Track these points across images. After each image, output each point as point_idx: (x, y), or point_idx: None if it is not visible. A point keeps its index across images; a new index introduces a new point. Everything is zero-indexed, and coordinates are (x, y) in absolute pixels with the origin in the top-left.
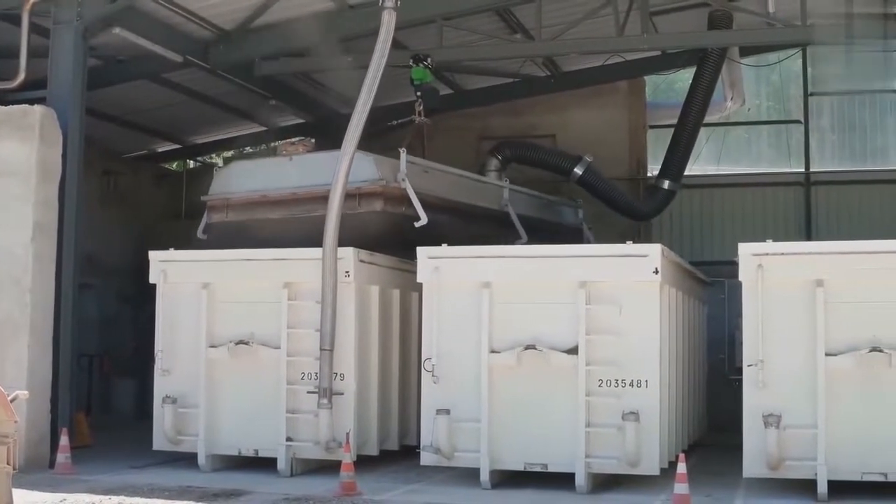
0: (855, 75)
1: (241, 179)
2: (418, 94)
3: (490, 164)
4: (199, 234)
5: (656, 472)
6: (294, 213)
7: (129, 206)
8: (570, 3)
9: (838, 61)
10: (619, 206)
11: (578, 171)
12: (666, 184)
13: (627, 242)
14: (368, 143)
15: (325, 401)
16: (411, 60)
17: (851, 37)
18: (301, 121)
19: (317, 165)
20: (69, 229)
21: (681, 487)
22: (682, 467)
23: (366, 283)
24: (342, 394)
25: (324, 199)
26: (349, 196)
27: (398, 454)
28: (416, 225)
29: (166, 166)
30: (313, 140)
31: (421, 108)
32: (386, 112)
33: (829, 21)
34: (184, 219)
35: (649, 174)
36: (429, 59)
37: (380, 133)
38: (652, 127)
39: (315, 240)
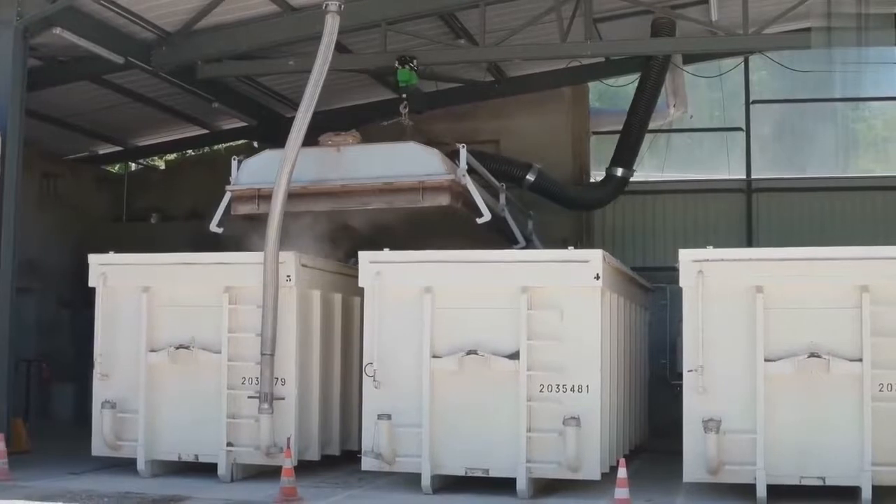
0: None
1: (275, 170)
2: (404, 95)
3: None
4: (213, 226)
5: (597, 477)
6: (345, 205)
7: (70, 208)
8: (515, 8)
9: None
10: (571, 202)
11: (531, 177)
12: (619, 171)
13: (570, 248)
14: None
15: (266, 406)
16: (397, 62)
17: (793, 46)
18: (245, 124)
19: (368, 157)
20: (7, 232)
21: (621, 492)
22: (622, 472)
23: (307, 287)
24: (283, 399)
25: (379, 191)
26: (411, 189)
27: (340, 459)
28: (479, 221)
29: (107, 169)
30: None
31: (406, 109)
32: (328, 115)
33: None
34: (125, 221)
35: (592, 179)
36: (414, 61)
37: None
38: (595, 133)
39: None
